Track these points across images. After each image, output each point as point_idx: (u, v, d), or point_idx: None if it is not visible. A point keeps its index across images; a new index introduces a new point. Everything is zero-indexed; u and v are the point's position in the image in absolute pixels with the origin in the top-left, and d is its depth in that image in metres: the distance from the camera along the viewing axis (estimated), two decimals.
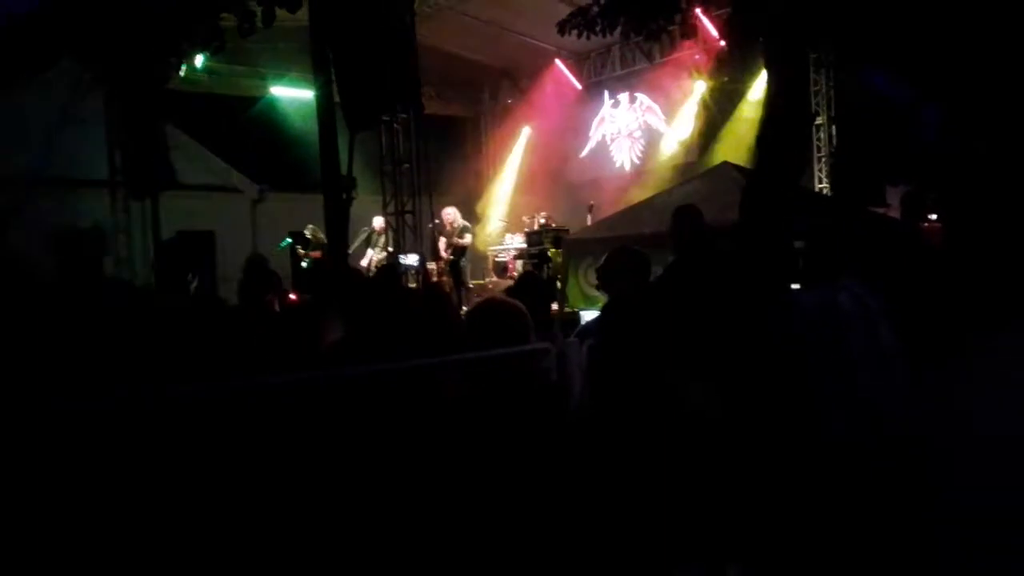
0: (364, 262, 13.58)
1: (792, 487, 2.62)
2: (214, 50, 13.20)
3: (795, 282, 3.27)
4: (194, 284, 3.73)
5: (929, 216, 5.57)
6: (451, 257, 13.29)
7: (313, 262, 13.07)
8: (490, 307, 3.14)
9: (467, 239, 13.35)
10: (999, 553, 1.00)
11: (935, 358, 1.19)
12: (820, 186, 13.18)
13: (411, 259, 12.38)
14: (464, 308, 9.33)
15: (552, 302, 6.87)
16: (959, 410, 1.11)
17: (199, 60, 13.81)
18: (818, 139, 13.33)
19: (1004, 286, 1.15)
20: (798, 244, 3.40)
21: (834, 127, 13.13)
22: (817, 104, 13.21)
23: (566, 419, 2.88)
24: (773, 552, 2.63)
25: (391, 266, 11.11)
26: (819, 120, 13.25)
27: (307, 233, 13.53)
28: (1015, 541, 0.98)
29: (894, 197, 10.09)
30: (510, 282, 12.87)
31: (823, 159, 13.31)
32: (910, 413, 1.16)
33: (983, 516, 1.03)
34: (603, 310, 3.99)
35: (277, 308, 4.13)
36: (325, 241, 13.22)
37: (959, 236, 1.17)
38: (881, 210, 9.48)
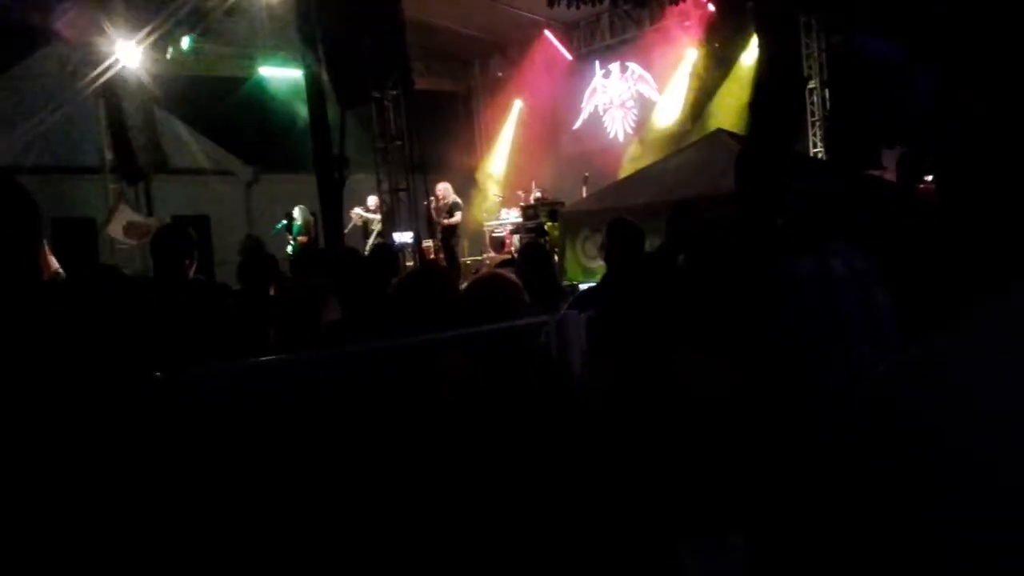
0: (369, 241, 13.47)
1: (792, 458, 2.63)
2: (200, 31, 13.10)
3: (790, 248, 3.25)
4: (192, 270, 3.71)
5: (925, 178, 5.55)
6: (441, 235, 13.19)
7: (301, 246, 12.91)
8: (486, 282, 3.14)
9: (456, 217, 13.21)
10: (996, 549, 0.97)
11: (930, 325, 1.14)
12: (815, 150, 13.13)
13: (404, 237, 12.33)
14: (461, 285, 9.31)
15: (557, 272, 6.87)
16: (956, 384, 1.06)
17: (185, 42, 13.67)
18: (811, 103, 13.26)
19: (1003, 247, 1.11)
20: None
21: (827, 91, 13.05)
22: (809, 68, 13.13)
23: (566, 394, 2.89)
24: (774, 519, 2.64)
25: (385, 244, 11.08)
26: (812, 84, 13.18)
27: (294, 216, 13.34)
28: (1015, 537, 0.94)
29: (890, 160, 10.06)
30: (507, 256, 12.86)
31: (816, 123, 13.24)
32: (903, 386, 1.10)
33: (981, 504, 0.99)
34: (602, 283, 3.98)
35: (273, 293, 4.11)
36: (311, 222, 13.17)
37: (955, 197, 1.14)
38: (877, 173, 9.45)
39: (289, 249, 12.99)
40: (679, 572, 2.66)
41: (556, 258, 10.77)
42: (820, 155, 12.95)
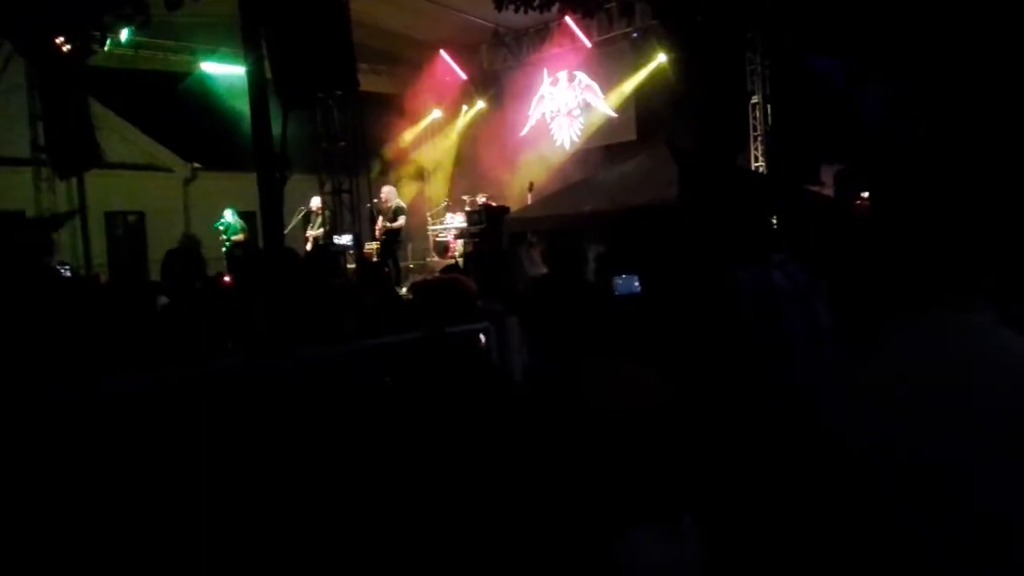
0: (309, 246, 13.33)
1: (738, 455, 2.64)
2: (140, 24, 12.77)
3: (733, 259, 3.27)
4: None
5: (861, 194, 5.67)
6: (384, 238, 13.07)
7: (233, 245, 12.79)
8: (436, 285, 3.11)
9: (400, 221, 13.12)
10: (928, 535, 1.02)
11: (858, 338, 1.20)
12: (756, 164, 13.35)
13: (345, 239, 12.21)
14: (402, 288, 9.23)
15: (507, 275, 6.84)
16: (878, 393, 1.13)
17: (124, 34, 13.32)
18: (754, 118, 13.49)
19: (922, 271, 1.15)
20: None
21: (769, 106, 13.28)
22: (752, 83, 13.36)
23: (507, 396, 2.87)
24: (723, 503, 2.64)
25: (323, 246, 10.94)
26: (754, 99, 13.40)
27: (226, 218, 13.21)
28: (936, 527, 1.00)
29: (829, 175, 10.29)
30: (451, 261, 12.80)
31: (759, 137, 13.47)
32: (838, 391, 1.16)
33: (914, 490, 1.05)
34: (540, 285, 3.96)
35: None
36: (245, 225, 13.05)
37: (887, 215, 1.16)
38: (815, 188, 9.65)
39: (223, 249, 12.81)
40: (630, 561, 2.65)
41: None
42: (761, 169, 13.17)
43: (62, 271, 9.08)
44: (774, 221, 4.19)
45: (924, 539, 1.03)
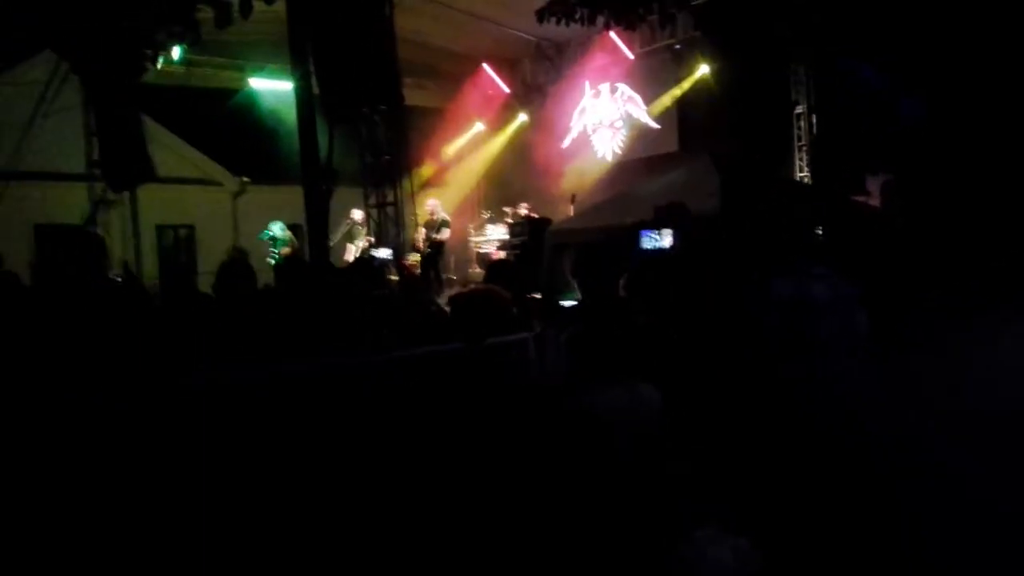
0: (348, 256, 13.51)
1: (777, 468, 2.64)
2: (191, 42, 13.10)
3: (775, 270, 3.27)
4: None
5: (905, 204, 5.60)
6: (428, 251, 13.19)
7: (284, 259, 12.95)
8: (473, 296, 3.15)
9: (444, 234, 13.24)
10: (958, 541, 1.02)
11: (900, 345, 1.22)
12: (801, 175, 13.21)
13: (383, 252, 12.33)
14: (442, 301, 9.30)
15: (529, 290, 6.86)
16: (925, 397, 1.14)
17: (176, 52, 13.68)
18: (799, 128, 13.35)
19: (961, 275, 1.17)
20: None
21: (814, 116, 13.14)
22: (797, 93, 13.23)
23: (548, 406, 2.89)
24: (775, 515, 2.65)
25: (365, 260, 11.07)
26: (799, 109, 13.27)
27: (274, 231, 13.39)
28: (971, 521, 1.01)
29: (875, 186, 10.14)
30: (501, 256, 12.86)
31: (803, 148, 13.33)
32: (881, 399, 1.17)
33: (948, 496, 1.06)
34: (578, 310, 3.99)
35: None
36: (294, 238, 13.24)
37: (925, 224, 1.18)
38: (861, 198, 9.52)
39: (271, 260, 13.01)
40: (693, 561, 2.66)
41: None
42: (806, 179, 13.03)
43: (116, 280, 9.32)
44: (819, 232, 4.16)
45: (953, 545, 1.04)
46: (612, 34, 15.11)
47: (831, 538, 1.16)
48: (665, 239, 4.30)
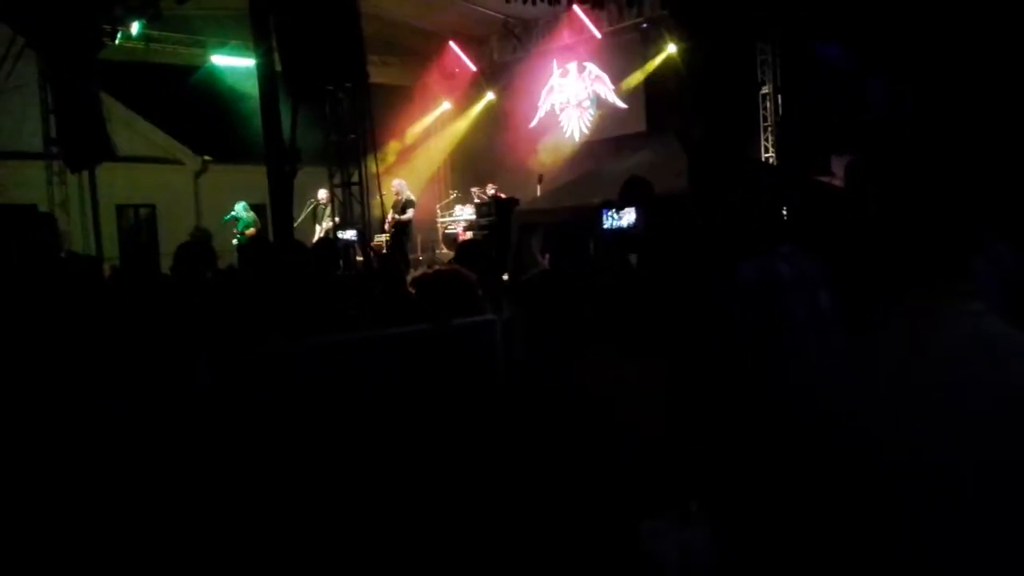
0: (316, 237, 13.37)
1: (744, 448, 2.65)
2: (150, 17, 12.82)
3: (737, 251, 3.27)
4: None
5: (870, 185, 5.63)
6: (393, 230, 13.17)
7: (248, 239, 12.84)
8: (438, 277, 3.12)
9: (408, 214, 13.26)
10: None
11: (860, 326, 1.22)
12: (766, 155, 13.30)
13: (349, 234, 12.22)
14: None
15: (500, 271, 6.84)
16: (879, 380, 1.15)
17: (135, 27, 13.36)
18: (764, 108, 13.42)
19: (913, 258, 1.17)
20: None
21: (780, 96, 13.21)
22: (763, 74, 13.29)
23: (514, 388, 2.88)
24: (731, 493, 2.66)
25: (329, 239, 10.96)
26: (765, 89, 13.33)
27: (237, 211, 13.28)
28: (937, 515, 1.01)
29: (840, 166, 10.21)
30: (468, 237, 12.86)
31: (769, 128, 13.41)
32: (849, 381, 1.17)
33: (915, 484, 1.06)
34: (541, 278, 3.98)
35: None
36: (257, 219, 13.11)
37: (890, 206, 1.17)
38: (826, 179, 9.59)
39: (235, 241, 12.86)
40: (645, 548, 2.67)
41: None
42: (771, 159, 13.11)
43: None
44: (784, 212, 4.17)
45: (922, 538, 1.04)
46: (579, 12, 15.04)
47: (805, 520, 1.17)
48: (625, 218, 4.28)
